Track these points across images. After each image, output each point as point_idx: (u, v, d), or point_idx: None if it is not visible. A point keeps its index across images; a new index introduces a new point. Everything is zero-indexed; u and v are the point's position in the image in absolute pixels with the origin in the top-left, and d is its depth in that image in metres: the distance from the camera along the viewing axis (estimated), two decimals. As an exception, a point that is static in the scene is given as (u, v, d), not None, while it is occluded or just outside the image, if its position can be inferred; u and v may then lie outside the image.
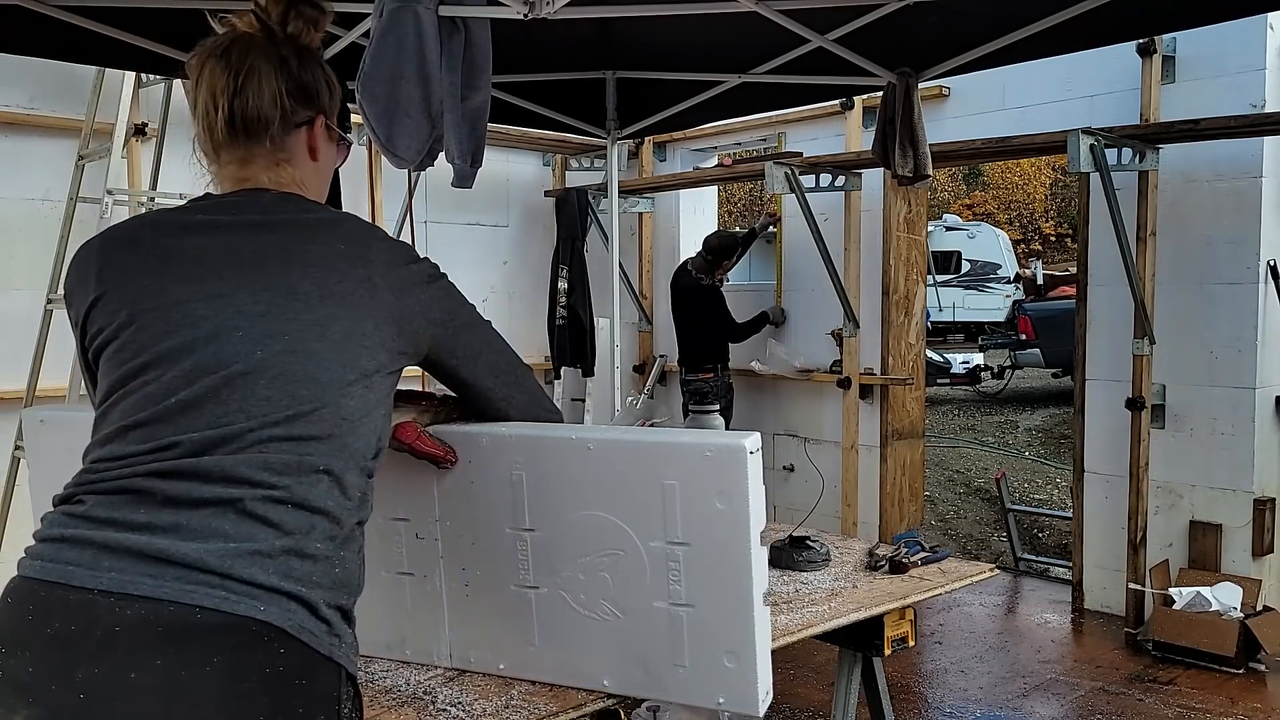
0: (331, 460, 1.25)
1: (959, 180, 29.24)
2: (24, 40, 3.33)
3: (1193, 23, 3.59)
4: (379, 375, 1.32)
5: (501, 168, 6.89)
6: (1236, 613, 4.39)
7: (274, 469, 1.21)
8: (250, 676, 1.14)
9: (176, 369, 1.24)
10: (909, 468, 5.92)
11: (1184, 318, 4.81)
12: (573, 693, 1.63)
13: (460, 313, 1.49)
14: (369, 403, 1.31)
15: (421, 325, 1.39)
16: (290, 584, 1.18)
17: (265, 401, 1.23)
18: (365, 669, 1.74)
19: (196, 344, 1.25)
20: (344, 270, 1.31)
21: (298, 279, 1.29)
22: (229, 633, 1.14)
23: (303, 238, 1.33)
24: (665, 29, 3.54)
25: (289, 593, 1.17)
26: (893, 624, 2.16)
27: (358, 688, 1.27)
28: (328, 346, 1.27)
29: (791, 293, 6.44)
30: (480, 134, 2.69)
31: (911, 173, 3.55)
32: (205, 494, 1.19)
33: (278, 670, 1.15)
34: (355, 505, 1.29)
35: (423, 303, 1.39)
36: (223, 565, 1.15)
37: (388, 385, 1.36)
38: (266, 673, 1.14)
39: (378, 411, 1.33)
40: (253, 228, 1.33)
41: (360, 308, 1.30)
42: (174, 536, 1.17)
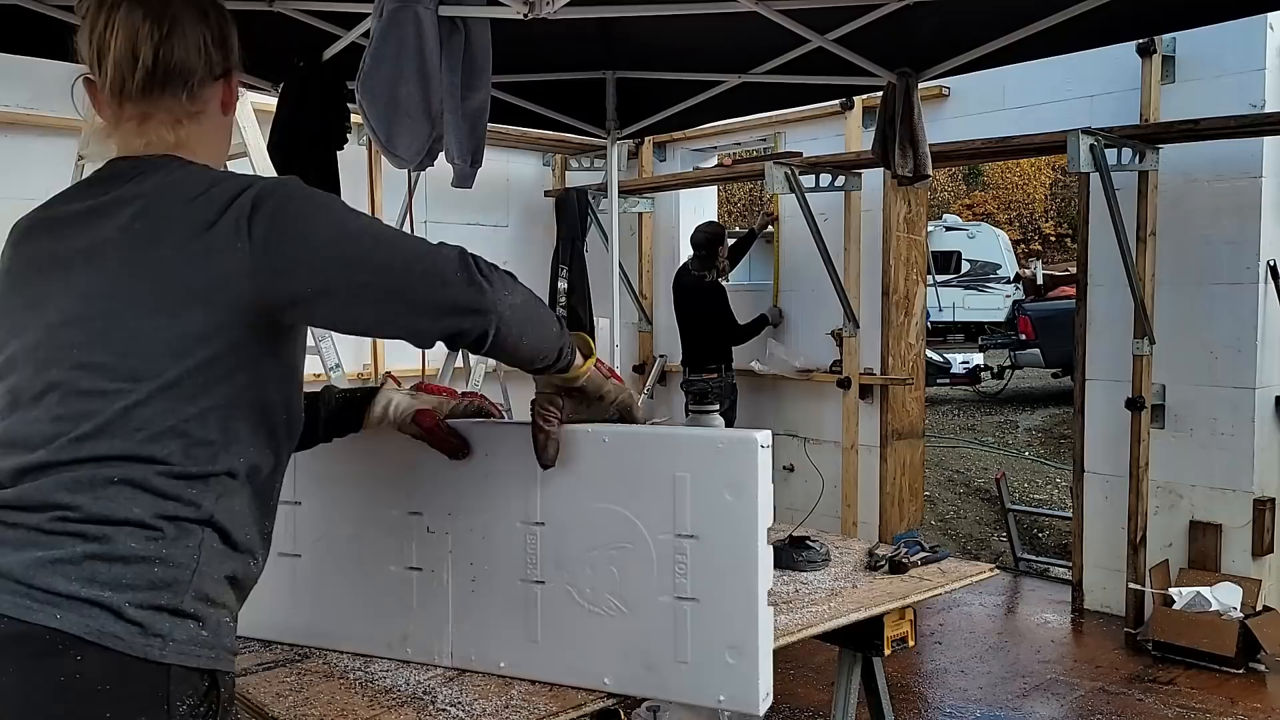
0: (132, 469, 1.20)
1: (959, 180, 29.24)
2: (24, 40, 3.33)
3: (1193, 23, 3.59)
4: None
5: (501, 168, 6.89)
6: (1236, 613, 4.39)
7: (69, 489, 1.19)
8: (42, 686, 1.13)
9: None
10: (909, 468, 5.92)
11: (1184, 318, 4.81)
12: (573, 693, 1.63)
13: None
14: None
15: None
16: (92, 590, 1.15)
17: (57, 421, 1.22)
18: (365, 669, 1.74)
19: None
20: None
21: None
22: (24, 641, 1.13)
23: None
24: (665, 29, 3.54)
25: (89, 599, 1.15)
26: (893, 624, 2.16)
27: (219, 680, 1.23)
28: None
29: (791, 293, 6.44)
30: (480, 134, 2.70)
31: (911, 173, 3.55)
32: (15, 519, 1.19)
33: (74, 677, 1.13)
34: (199, 492, 1.23)
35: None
36: (27, 575, 1.15)
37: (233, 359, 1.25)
38: (61, 681, 1.13)
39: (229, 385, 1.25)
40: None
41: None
42: None
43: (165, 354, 1.21)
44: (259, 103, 5.03)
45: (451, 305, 1.27)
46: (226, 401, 1.25)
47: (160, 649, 1.17)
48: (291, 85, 3.41)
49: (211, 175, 1.30)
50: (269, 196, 1.23)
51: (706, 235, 6.08)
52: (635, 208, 6.94)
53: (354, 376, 6.13)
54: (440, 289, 1.26)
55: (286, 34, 3.33)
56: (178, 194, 1.26)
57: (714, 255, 6.04)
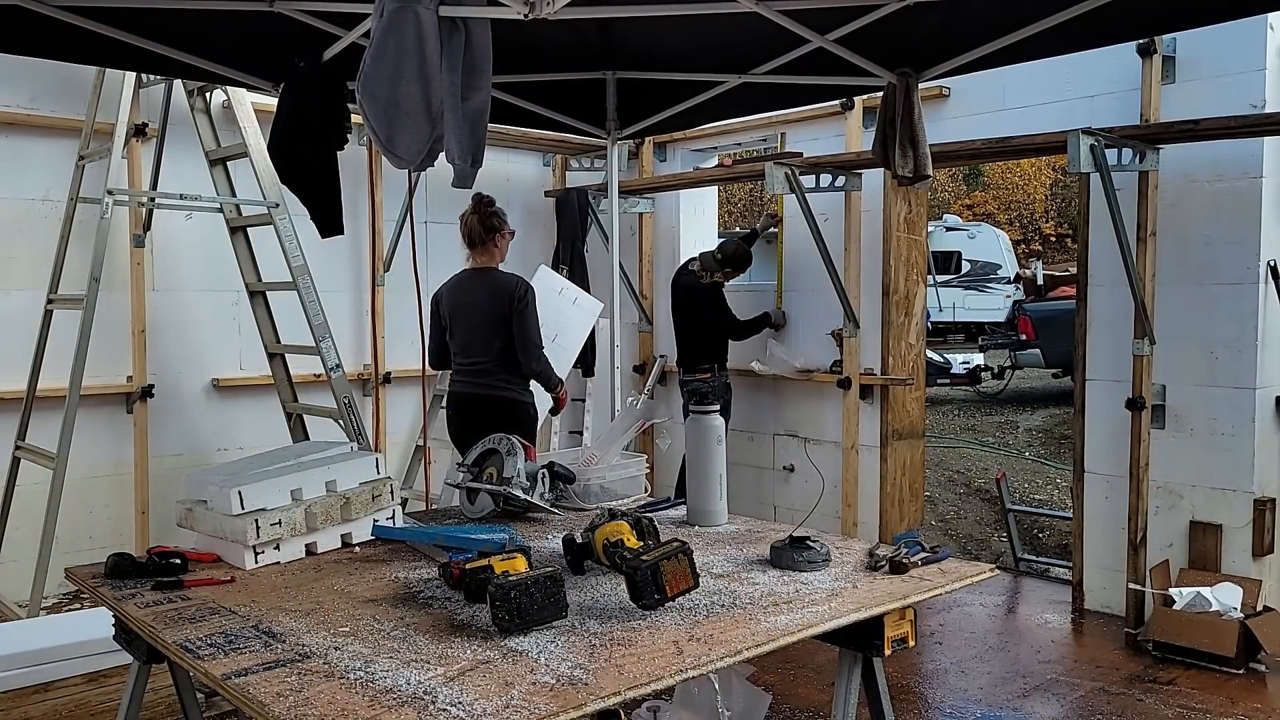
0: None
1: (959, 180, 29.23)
2: (24, 40, 3.33)
3: (1193, 23, 3.59)
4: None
5: (501, 168, 6.89)
6: (1237, 613, 4.39)
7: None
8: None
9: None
10: (909, 468, 5.92)
11: (1184, 318, 4.81)
12: (572, 692, 1.63)
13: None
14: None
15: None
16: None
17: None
18: (365, 669, 1.74)
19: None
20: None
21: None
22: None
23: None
24: (666, 29, 3.55)
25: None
26: (893, 624, 2.16)
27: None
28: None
29: (792, 293, 6.44)
30: (480, 134, 2.69)
31: (911, 173, 3.55)
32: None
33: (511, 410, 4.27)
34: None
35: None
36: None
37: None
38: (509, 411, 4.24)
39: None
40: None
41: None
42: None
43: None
44: (259, 103, 5.04)
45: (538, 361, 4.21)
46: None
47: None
48: (291, 85, 3.41)
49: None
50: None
51: (738, 254, 6.06)
52: (635, 208, 6.94)
53: (354, 376, 6.14)
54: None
55: (287, 34, 3.34)
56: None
57: (723, 271, 6.04)
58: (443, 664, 1.76)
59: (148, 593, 2.24)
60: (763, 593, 2.19)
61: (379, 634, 1.94)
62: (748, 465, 6.58)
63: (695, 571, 2.05)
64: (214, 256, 5.57)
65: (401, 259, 6.11)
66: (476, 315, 4.29)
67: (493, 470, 3.00)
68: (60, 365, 4.79)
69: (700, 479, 2.88)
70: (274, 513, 2.48)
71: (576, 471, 3.08)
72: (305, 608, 2.12)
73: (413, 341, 5.79)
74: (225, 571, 2.39)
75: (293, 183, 3.45)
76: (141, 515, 5.44)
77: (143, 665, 2.37)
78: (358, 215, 6.21)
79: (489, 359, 4.25)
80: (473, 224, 4.42)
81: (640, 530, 2.30)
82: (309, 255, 5.04)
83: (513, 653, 1.82)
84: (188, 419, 5.68)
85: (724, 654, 1.82)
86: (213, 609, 2.11)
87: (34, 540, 4.55)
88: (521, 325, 4.20)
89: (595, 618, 2.01)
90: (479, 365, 4.28)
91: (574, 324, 5.48)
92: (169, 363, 5.60)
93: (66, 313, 4.87)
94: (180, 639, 1.92)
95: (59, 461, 4.54)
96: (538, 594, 1.91)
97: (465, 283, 4.41)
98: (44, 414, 4.91)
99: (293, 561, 2.50)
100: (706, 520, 2.86)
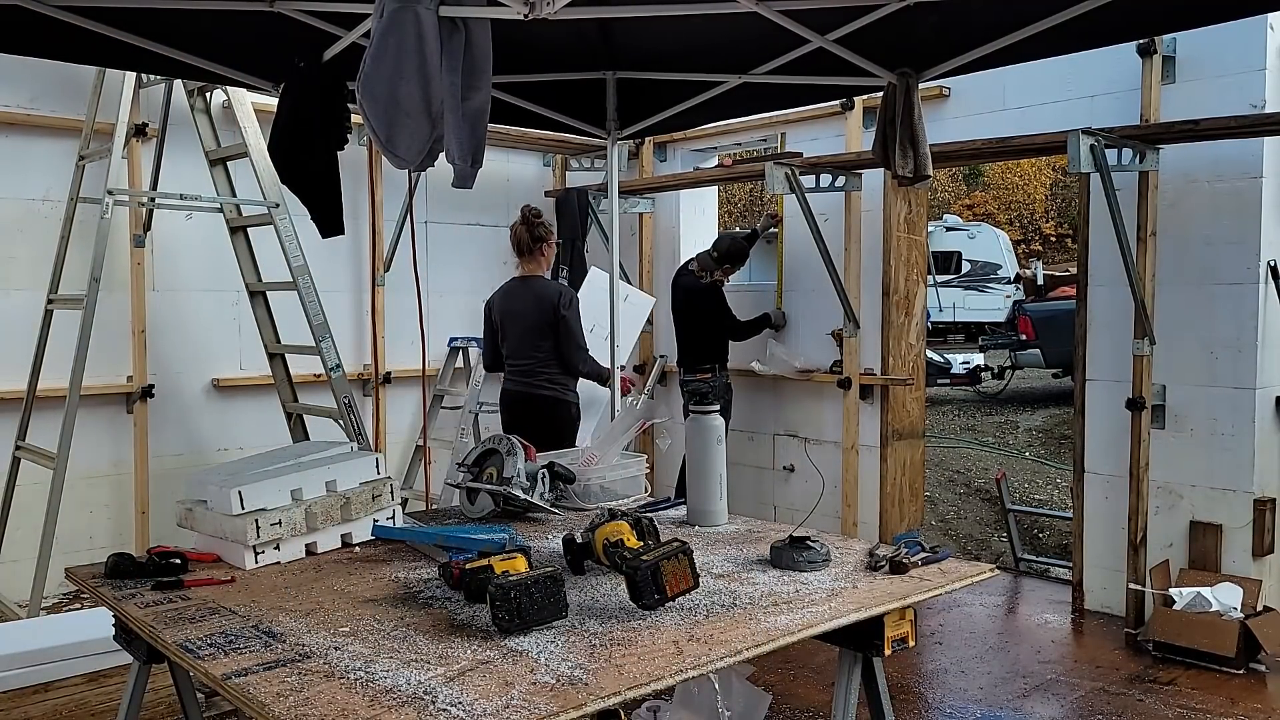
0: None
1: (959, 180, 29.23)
2: (24, 40, 3.33)
3: (1193, 23, 3.59)
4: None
5: (501, 168, 6.89)
6: (1237, 613, 4.39)
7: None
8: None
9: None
10: (909, 468, 5.92)
11: (1184, 318, 4.81)
12: (572, 692, 1.63)
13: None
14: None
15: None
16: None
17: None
18: (366, 669, 1.74)
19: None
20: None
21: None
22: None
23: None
24: (666, 29, 3.55)
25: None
26: (893, 624, 2.16)
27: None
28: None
29: (792, 293, 6.44)
30: (480, 134, 2.69)
31: (912, 173, 3.55)
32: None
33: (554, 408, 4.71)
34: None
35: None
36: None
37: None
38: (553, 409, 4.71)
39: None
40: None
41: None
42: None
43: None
44: (259, 103, 5.04)
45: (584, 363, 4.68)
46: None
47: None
48: (291, 85, 3.41)
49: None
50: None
51: (734, 248, 6.07)
52: (635, 208, 6.94)
53: (354, 376, 6.14)
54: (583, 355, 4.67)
55: (287, 34, 3.34)
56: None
57: (722, 267, 6.05)
58: (443, 664, 1.76)
59: (148, 593, 2.24)
60: (763, 593, 2.19)
61: (379, 634, 1.94)
62: (748, 465, 6.58)
63: (695, 571, 2.05)
64: (214, 256, 5.57)
65: (401, 259, 6.12)
66: (523, 321, 4.66)
67: (493, 470, 3.00)
68: (60, 365, 4.79)
69: (700, 479, 2.88)
70: (274, 513, 2.48)
71: (576, 471, 3.08)
72: (305, 608, 2.12)
73: (413, 341, 5.80)
74: (225, 571, 2.39)
75: (293, 183, 3.45)
76: (141, 515, 5.44)
77: (143, 665, 2.37)
78: (358, 215, 6.21)
79: (534, 361, 4.64)
80: (521, 234, 4.74)
81: (640, 530, 2.30)
82: (309, 255, 5.05)
83: (513, 653, 1.82)
84: (188, 419, 5.68)
85: (724, 654, 1.82)
86: (213, 609, 2.11)
87: (34, 540, 4.55)
88: (566, 330, 4.59)
89: (595, 618, 2.01)
90: (525, 366, 4.67)
91: (627, 320, 5.73)
92: (169, 363, 5.60)
93: (66, 313, 4.87)
94: (180, 639, 1.92)
95: (59, 461, 4.54)
96: (538, 594, 1.91)
97: (514, 290, 4.78)
98: (44, 414, 4.91)
99: (293, 561, 2.50)
100: (706, 520, 2.86)
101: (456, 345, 6.55)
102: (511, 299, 4.74)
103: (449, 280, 6.71)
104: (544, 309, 4.60)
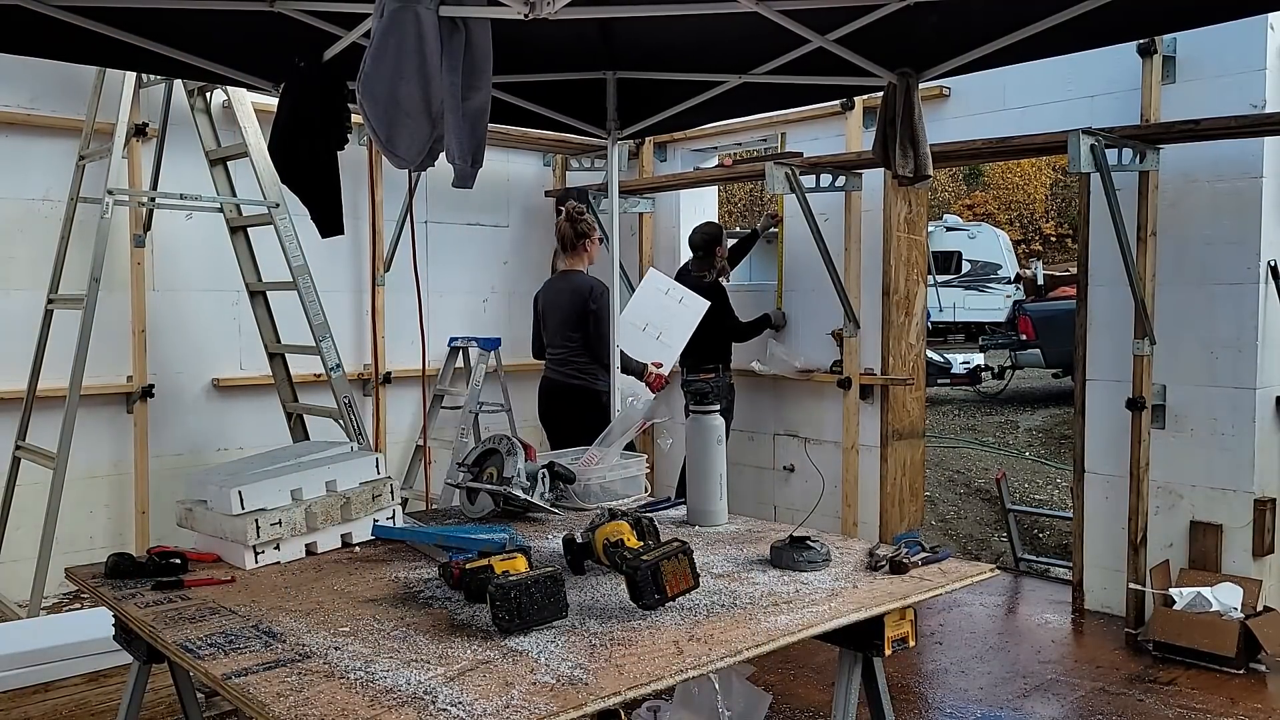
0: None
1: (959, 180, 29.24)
2: (24, 40, 3.33)
3: (1193, 23, 3.59)
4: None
5: (502, 168, 6.89)
6: (1237, 613, 4.39)
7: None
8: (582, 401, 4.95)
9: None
10: (909, 468, 5.92)
11: (1184, 318, 4.81)
12: (572, 692, 1.63)
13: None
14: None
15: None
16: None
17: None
18: (366, 669, 1.74)
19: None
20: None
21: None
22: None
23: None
24: (666, 29, 3.54)
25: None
26: (893, 624, 2.16)
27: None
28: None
29: (792, 293, 6.44)
30: (480, 134, 2.69)
31: (912, 173, 3.54)
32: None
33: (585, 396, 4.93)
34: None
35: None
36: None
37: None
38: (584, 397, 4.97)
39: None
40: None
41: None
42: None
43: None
44: (259, 103, 5.04)
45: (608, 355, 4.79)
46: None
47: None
48: (291, 85, 3.41)
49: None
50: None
51: (704, 236, 6.08)
52: (636, 208, 6.94)
53: (354, 376, 6.14)
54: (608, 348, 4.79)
55: (287, 34, 3.33)
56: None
57: (712, 255, 6.03)
58: (443, 664, 1.76)
59: (148, 593, 2.24)
60: (763, 593, 2.19)
61: (379, 634, 1.94)
62: (748, 465, 6.58)
63: (695, 571, 2.05)
64: (214, 256, 5.57)
65: (401, 259, 6.12)
66: (560, 312, 4.93)
67: (493, 470, 3.00)
68: (60, 365, 4.79)
69: (700, 479, 2.88)
70: (274, 513, 2.48)
71: (576, 471, 3.08)
72: (305, 608, 2.12)
73: (413, 341, 5.80)
74: (225, 571, 2.39)
75: (293, 183, 3.45)
76: (141, 515, 5.44)
77: (143, 665, 2.37)
78: (358, 215, 6.22)
79: (567, 351, 4.92)
80: (565, 230, 4.93)
81: (640, 530, 2.30)
82: (309, 255, 5.05)
83: (513, 653, 1.82)
84: (188, 419, 5.68)
85: (724, 654, 1.82)
86: (213, 609, 2.11)
87: (34, 540, 4.55)
88: (595, 323, 4.80)
89: (595, 618, 2.01)
90: (560, 356, 4.96)
91: (680, 321, 5.84)
92: (169, 363, 5.60)
93: (67, 313, 4.87)
94: (180, 639, 1.92)
95: (59, 461, 4.54)
96: (538, 594, 1.91)
97: (555, 283, 5.06)
98: (44, 414, 4.91)
99: (293, 561, 2.50)
100: (706, 520, 2.86)
101: (456, 345, 6.55)
102: (553, 291, 5.02)
103: (449, 280, 6.71)
104: (577, 302, 4.83)
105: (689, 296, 5.85)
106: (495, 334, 6.52)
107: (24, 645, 3.36)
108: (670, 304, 5.76)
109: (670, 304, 5.76)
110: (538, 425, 5.20)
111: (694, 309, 5.85)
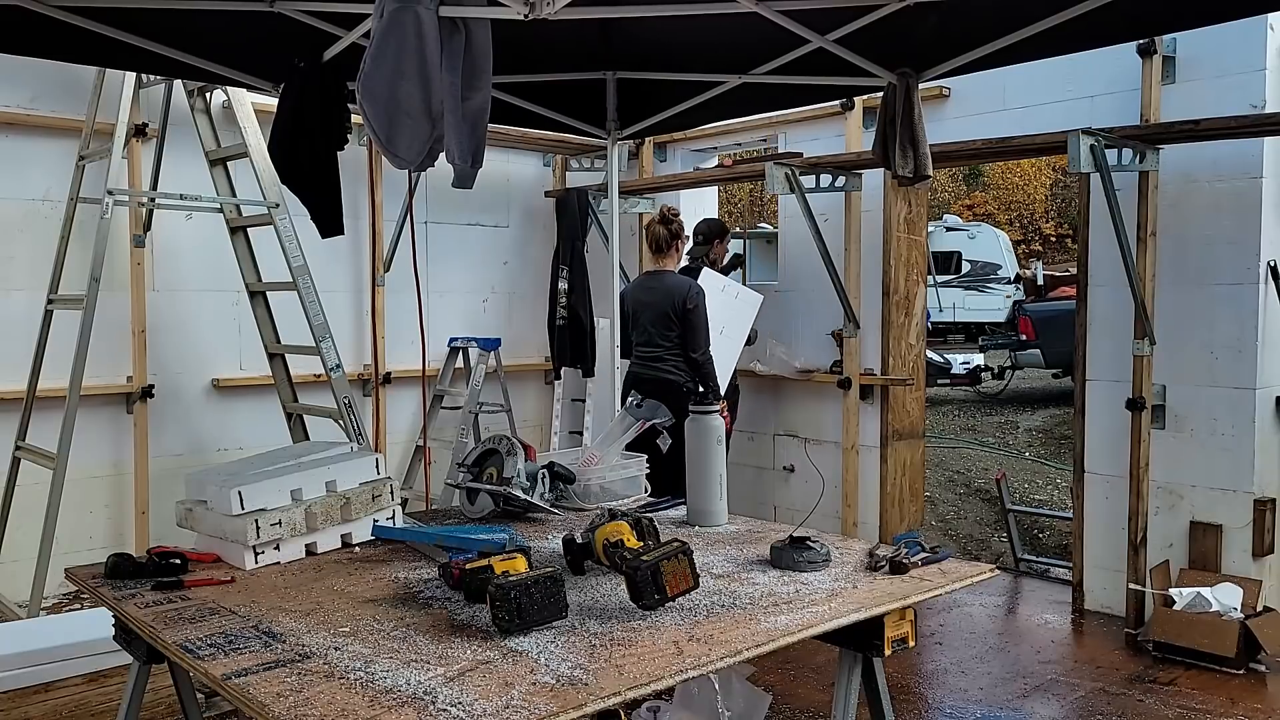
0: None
1: (959, 181, 29.24)
2: (24, 40, 3.33)
3: (1193, 23, 3.59)
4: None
5: (502, 168, 6.89)
6: (1237, 613, 4.39)
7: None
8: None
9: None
10: (909, 468, 5.92)
11: (1184, 318, 4.81)
12: (572, 692, 1.63)
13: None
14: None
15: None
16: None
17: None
18: (366, 669, 1.74)
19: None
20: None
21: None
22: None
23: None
24: (666, 30, 3.55)
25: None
26: (893, 624, 2.16)
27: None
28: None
29: (792, 293, 6.43)
30: (480, 134, 2.69)
31: (912, 173, 3.55)
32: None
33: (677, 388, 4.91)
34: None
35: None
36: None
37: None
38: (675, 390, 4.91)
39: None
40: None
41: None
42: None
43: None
44: (259, 103, 5.04)
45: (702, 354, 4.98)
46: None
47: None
48: (291, 85, 3.41)
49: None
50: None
51: (707, 224, 6.16)
52: (635, 208, 6.93)
53: (354, 376, 6.14)
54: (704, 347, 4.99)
55: (287, 34, 3.34)
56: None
57: (709, 245, 6.02)
58: (443, 664, 1.76)
59: (148, 593, 2.24)
60: (763, 593, 2.19)
61: (379, 634, 1.94)
62: (748, 465, 6.58)
63: (695, 571, 2.05)
64: (214, 256, 5.57)
65: (401, 259, 6.12)
66: (653, 311, 5.07)
67: (493, 470, 3.00)
68: (60, 365, 4.79)
69: (700, 479, 2.88)
70: (274, 513, 2.48)
71: (576, 471, 3.08)
72: (305, 608, 2.12)
73: (413, 341, 5.80)
74: (225, 571, 2.39)
75: (293, 183, 3.45)
76: (141, 515, 5.44)
77: (143, 665, 2.37)
78: (358, 215, 6.21)
79: (659, 348, 5.06)
80: (659, 232, 5.14)
81: (640, 530, 2.30)
82: (309, 255, 5.04)
83: (513, 653, 1.82)
84: (188, 419, 5.68)
85: (724, 654, 1.82)
86: (213, 609, 2.11)
87: (34, 540, 4.55)
88: (691, 323, 4.98)
89: (595, 618, 2.01)
90: (654, 353, 5.08)
91: (738, 317, 5.94)
92: (169, 363, 5.60)
93: (66, 313, 4.87)
94: (180, 639, 1.92)
95: (59, 461, 4.54)
96: (538, 594, 1.91)
97: (646, 282, 5.24)
98: (44, 414, 4.91)
99: (293, 562, 2.50)
100: (706, 520, 2.86)
101: (456, 345, 6.55)
102: (644, 290, 5.16)
103: (449, 280, 6.71)
104: (674, 302, 4.99)
105: (744, 292, 5.96)
106: (495, 334, 6.52)
107: (24, 645, 3.36)
108: (728, 300, 5.85)
109: (728, 300, 5.85)
110: (538, 425, 5.20)
111: (750, 303, 5.95)
